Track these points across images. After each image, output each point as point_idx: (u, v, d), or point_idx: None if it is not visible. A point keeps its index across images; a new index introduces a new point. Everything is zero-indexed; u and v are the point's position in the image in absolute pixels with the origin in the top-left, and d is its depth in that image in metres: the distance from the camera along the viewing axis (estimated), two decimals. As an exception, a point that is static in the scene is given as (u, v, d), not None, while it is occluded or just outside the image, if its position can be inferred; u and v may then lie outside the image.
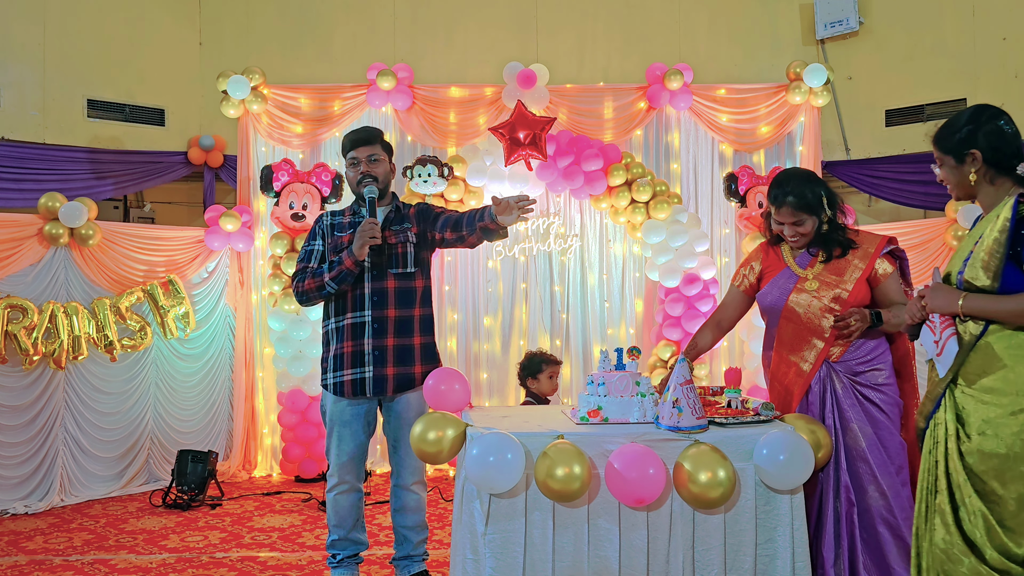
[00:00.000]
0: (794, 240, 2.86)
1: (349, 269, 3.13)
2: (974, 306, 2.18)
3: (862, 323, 2.70)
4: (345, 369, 3.18)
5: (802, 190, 2.79)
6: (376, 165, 3.25)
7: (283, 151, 5.98)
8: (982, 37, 5.97)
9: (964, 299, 2.19)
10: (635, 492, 2.39)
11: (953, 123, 2.32)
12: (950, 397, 2.24)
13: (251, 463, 5.76)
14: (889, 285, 2.78)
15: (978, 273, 2.19)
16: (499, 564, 2.46)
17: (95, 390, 5.20)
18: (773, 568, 2.52)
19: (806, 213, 2.80)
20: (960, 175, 2.30)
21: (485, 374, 6.01)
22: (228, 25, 6.71)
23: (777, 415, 2.71)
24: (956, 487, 2.16)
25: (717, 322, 3.12)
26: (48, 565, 3.85)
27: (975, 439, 2.15)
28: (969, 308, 2.18)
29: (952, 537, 2.15)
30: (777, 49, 6.58)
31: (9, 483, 4.85)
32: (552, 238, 6.04)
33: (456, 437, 2.61)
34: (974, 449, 2.15)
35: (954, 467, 2.18)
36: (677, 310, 5.70)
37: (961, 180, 2.31)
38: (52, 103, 6.06)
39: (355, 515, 3.28)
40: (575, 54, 6.63)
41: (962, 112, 2.32)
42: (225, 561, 3.89)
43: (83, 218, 5.06)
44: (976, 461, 2.14)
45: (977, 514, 2.12)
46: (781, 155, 6.16)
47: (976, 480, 2.14)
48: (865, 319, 2.70)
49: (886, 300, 2.79)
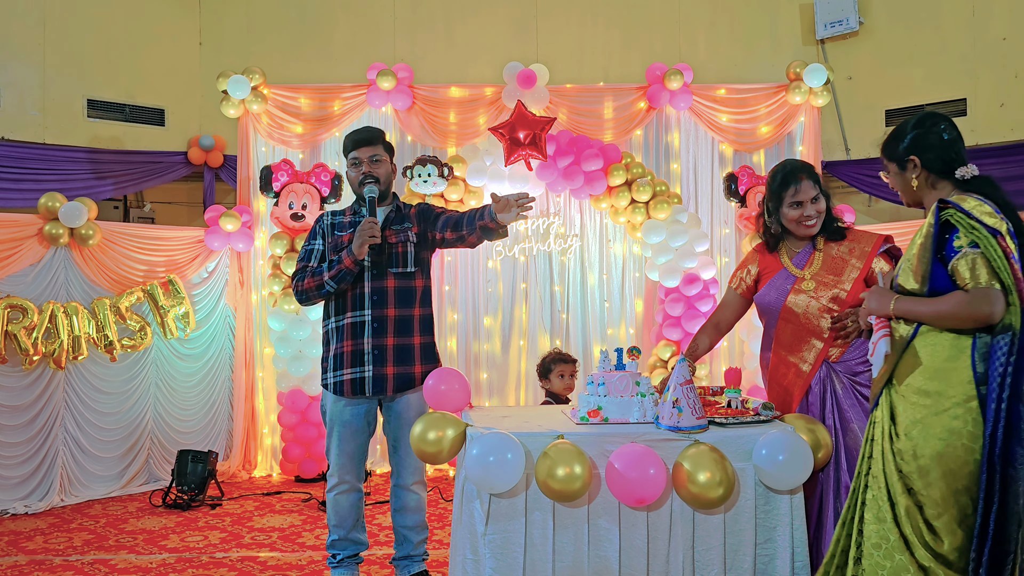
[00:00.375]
0: (812, 223, 2.84)
1: (348, 268, 3.13)
2: (902, 308, 2.26)
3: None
4: (345, 368, 3.18)
5: (811, 170, 2.89)
6: (378, 165, 3.25)
7: (283, 151, 5.98)
8: (982, 37, 5.97)
9: (895, 301, 2.27)
10: (636, 492, 2.39)
11: (897, 131, 2.41)
12: (886, 397, 2.29)
13: (251, 463, 5.76)
14: None
15: (908, 277, 2.26)
16: (499, 564, 2.46)
17: (95, 390, 5.20)
18: (773, 568, 2.53)
19: (820, 190, 2.87)
20: (903, 181, 2.39)
21: (485, 374, 6.01)
22: (228, 25, 6.71)
23: (777, 415, 2.71)
24: (891, 486, 2.20)
25: (715, 324, 3.14)
26: (48, 565, 3.86)
27: (903, 439, 2.20)
28: (898, 310, 2.27)
29: (888, 532, 2.19)
30: (777, 49, 6.58)
31: (9, 483, 4.86)
32: (552, 238, 6.04)
33: (456, 437, 2.61)
34: (901, 449, 2.20)
35: (888, 467, 2.22)
36: (677, 310, 5.70)
37: (905, 186, 2.39)
38: (52, 103, 6.06)
39: (355, 515, 3.28)
40: (575, 54, 6.63)
41: (907, 120, 2.41)
42: (225, 561, 3.89)
43: (83, 218, 5.06)
44: (904, 461, 2.19)
45: (907, 512, 2.17)
46: (781, 155, 6.15)
47: (905, 479, 2.18)
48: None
49: None
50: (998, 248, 2.11)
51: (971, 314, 2.12)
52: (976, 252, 2.13)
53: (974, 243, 2.13)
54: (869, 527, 2.22)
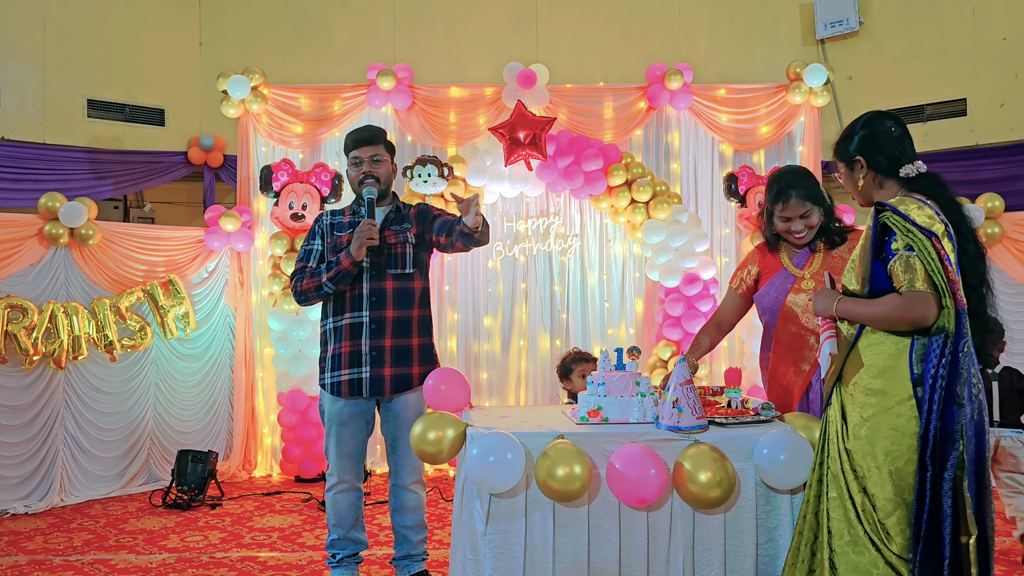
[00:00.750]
0: (801, 236, 2.88)
1: (347, 269, 3.13)
2: (844, 309, 2.31)
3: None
4: (342, 369, 3.18)
5: (806, 182, 2.87)
6: (379, 165, 3.25)
7: (283, 151, 5.98)
8: (982, 37, 5.97)
9: (838, 302, 2.32)
10: (636, 492, 2.39)
11: (846, 131, 2.41)
12: (837, 395, 2.33)
13: (251, 463, 5.76)
14: None
15: (851, 279, 2.31)
16: (499, 564, 2.46)
17: (95, 390, 5.20)
18: (774, 568, 2.52)
19: (812, 203, 2.85)
20: (851, 181, 2.40)
21: (485, 374, 6.01)
22: (228, 25, 6.71)
23: (777, 415, 2.71)
24: (848, 484, 2.23)
25: (716, 324, 3.16)
26: (48, 565, 3.85)
27: (852, 439, 2.23)
28: (840, 311, 2.31)
29: (855, 530, 2.20)
30: (777, 49, 6.58)
31: (9, 483, 4.85)
32: (552, 238, 6.04)
33: (456, 437, 2.60)
34: (852, 449, 2.23)
35: (845, 466, 2.24)
36: (677, 310, 5.70)
37: (854, 186, 2.40)
38: (52, 103, 6.06)
39: (354, 514, 3.28)
40: (575, 54, 6.63)
41: (855, 120, 2.41)
42: (225, 561, 3.89)
43: (83, 218, 5.06)
44: (855, 461, 2.22)
45: (863, 511, 2.20)
46: (781, 155, 6.16)
47: (859, 479, 2.21)
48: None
49: None
50: (932, 251, 2.12)
51: (904, 317, 2.16)
52: (911, 255, 2.15)
53: (909, 246, 2.15)
54: (838, 524, 2.24)
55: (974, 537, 2.07)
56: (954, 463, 2.09)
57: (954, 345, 2.13)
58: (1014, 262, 5.23)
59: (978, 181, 5.67)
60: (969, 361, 2.14)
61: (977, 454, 2.13)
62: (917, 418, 2.14)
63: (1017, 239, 5.24)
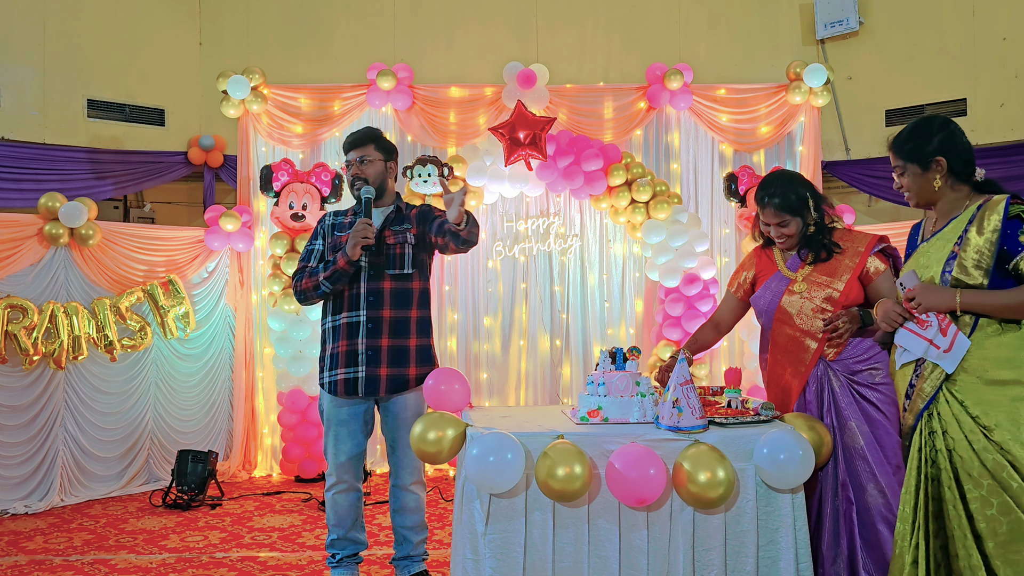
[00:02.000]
0: (780, 241, 2.93)
1: (343, 269, 3.14)
2: (970, 301, 2.29)
3: (851, 324, 2.73)
4: (339, 368, 3.19)
5: (785, 191, 2.85)
6: (367, 167, 3.27)
7: (283, 151, 5.98)
8: (982, 37, 5.97)
9: (961, 295, 2.30)
10: (636, 492, 2.39)
11: (918, 131, 2.45)
12: (946, 395, 2.31)
13: (251, 463, 5.76)
14: (881, 283, 2.79)
15: (971, 272, 2.30)
16: (499, 564, 2.46)
17: (95, 390, 5.20)
18: (776, 570, 2.52)
19: (789, 214, 2.85)
20: (924, 182, 2.44)
21: (485, 374, 6.01)
22: (228, 25, 6.71)
23: (777, 415, 2.71)
24: (1005, 479, 2.23)
25: (715, 324, 3.19)
26: (48, 565, 3.86)
27: (997, 431, 2.24)
28: (966, 303, 2.29)
29: (965, 532, 2.22)
30: (777, 49, 6.58)
31: (9, 483, 4.85)
32: (552, 238, 6.04)
33: (456, 437, 2.61)
34: (1001, 439, 2.23)
35: (995, 460, 2.24)
36: (677, 310, 5.70)
37: (924, 187, 2.45)
38: (52, 103, 6.06)
39: (354, 514, 3.28)
40: (575, 54, 6.63)
41: (925, 120, 2.46)
42: (225, 561, 3.89)
43: (83, 218, 5.06)
44: (1006, 451, 2.22)
45: (992, 505, 2.21)
46: (781, 155, 6.16)
47: (1017, 468, 2.22)
48: (855, 320, 2.73)
49: (879, 299, 2.80)
50: None
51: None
52: None
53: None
54: (991, 526, 2.23)
55: None
56: None
57: None
58: (1014, 262, 5.23)
59: (978, 181, 5.67)
60: None
61: None
62: None
63: (1017, 239, 5.23)
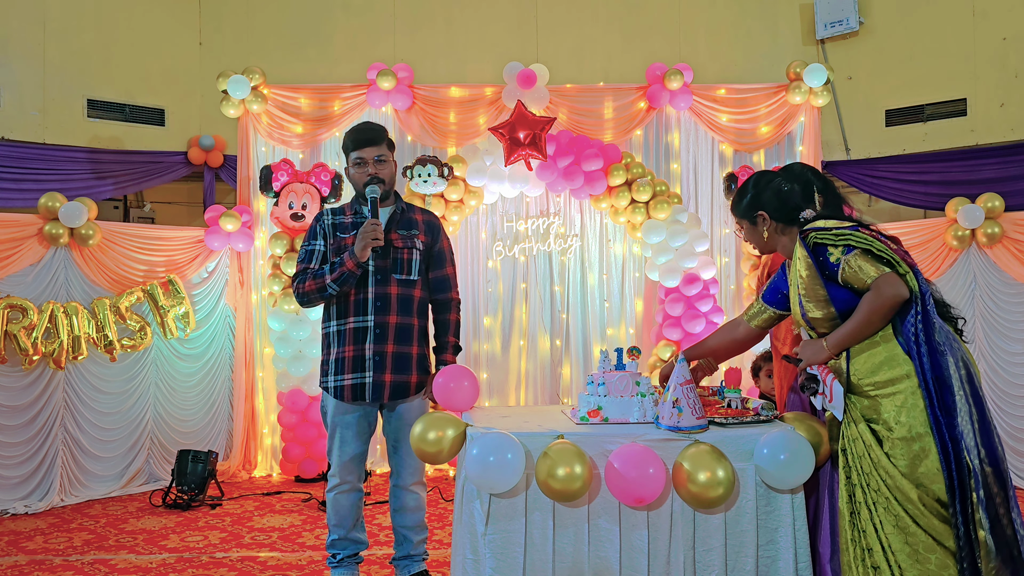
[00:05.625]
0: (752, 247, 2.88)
1: (351, 271, 3.10)
2: (834, 342, 2.38)
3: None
4: (346, 373, 3.17)
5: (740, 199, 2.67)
6: (383, 166, 3.23)
7: (283, 151, 5.98)
8: (982, 37, 5.97)
9: (827, 343, 2.40)
10: (635, 492, 2.39)
11: (740, 191, 2.63)
12: (852, 413, 2.37)
13: (251, 463, 5.76)
14: None
15: (810, 308, 2.42)
16: (499, 564, 2.46)
17: (95, 390, 5.20)
18: (775, 570, 2.52)
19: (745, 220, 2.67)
20: (757, 234, 2.61)
21: (485, 374, 6.01)
22: (228, 25, 6.71)
23: (777, 415, 2.71)
24: (899, 488, 2.25)
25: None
26: (48, 565, 3.85)
27: (898, 428, 2.27)
28: (832, 347, 2.39)
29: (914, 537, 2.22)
30: (777, 49, 6.58)
31: (9, 483, 4.85)
32: (552, 238, 6.04)
33: (456, 437, 2.60)
34: (896, 439, 2.26)
35: (889, 467, 2.26)
36: (677, 310, 5.70)
37: (758, 238, 2.61)
38: (52, 103, 6.06)
39: (355, 515, 3.28)
40: (575, 54, 6.63)
41: (747, 180, 2.64)
42: (225, 561, 3.89)
43: (83, 218, 5.06)
44: (902, 451, 2.25)
45: (921, 501, 2.22)
46: (781, 155, 6.16)
47: (905, 474, 2.24)
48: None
49: None
50: (865, 236, 2.31)
51: (884, 304, 2.27)
52: (852, 254, 2.31)
53: (847, 247, 2.32)
54: (895, 539, 2.25)
55: None
56: (958, 412, 2.19)
57: (922, 300, 2.27)
58: (1014, 262, 5.23)
59: (978, 181, 5.67)
60: (934, 312, 2.29)
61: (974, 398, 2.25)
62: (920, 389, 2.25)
63: (1017, 239, 5.24)
